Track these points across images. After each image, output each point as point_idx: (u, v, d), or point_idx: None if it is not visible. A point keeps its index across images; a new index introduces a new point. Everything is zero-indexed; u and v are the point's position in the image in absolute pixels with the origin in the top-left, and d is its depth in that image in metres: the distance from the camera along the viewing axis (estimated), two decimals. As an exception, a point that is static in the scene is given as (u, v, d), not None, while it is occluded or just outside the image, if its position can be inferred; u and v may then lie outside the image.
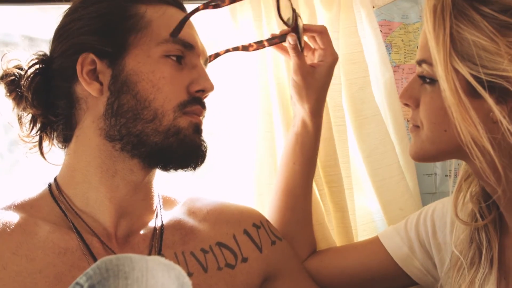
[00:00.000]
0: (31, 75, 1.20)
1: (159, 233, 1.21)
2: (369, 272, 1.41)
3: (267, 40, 1.44)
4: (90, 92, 1.15)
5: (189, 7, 1.28)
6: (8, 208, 1.15)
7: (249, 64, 1.62)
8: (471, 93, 1.05)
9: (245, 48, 1.44)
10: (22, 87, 1.19)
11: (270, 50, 1.61)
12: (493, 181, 1.06)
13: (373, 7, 1.74)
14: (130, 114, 1.14)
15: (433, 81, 1.11)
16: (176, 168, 1.19)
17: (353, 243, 1.56)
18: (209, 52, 1.31)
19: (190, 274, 1.18)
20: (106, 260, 0.82)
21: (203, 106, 1.21)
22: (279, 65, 1.61)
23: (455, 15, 1.06)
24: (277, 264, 1.34)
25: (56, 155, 1.27)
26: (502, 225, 1.20)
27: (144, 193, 1.22)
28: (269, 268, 1.32)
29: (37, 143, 1.25)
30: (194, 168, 1.20)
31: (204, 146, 1.20)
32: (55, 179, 1.22)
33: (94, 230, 1.15)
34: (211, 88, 1.21)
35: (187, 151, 1.17)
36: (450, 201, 1.26)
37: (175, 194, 1.34)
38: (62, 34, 1.19)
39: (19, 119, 1.23)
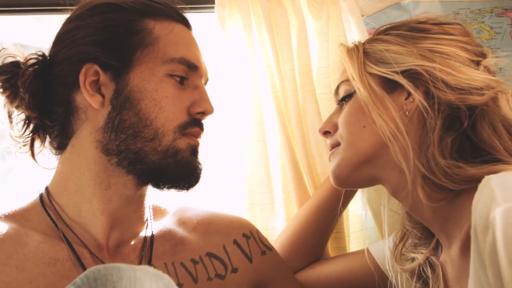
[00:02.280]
0: (30, 77, 1.16)
1: (149, 243, 1.20)
2: (356, 279, 1.42)
3: None
4: (92, 104, 1.13)
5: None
6: None
7: (241, 73, 1.63)
8: (386, 90, 1.14)
9: None
10: (20, 88, 1.15)
11: (262, 61, 1.63)
12: (405, 167, 1.10)
13: (362, 16, 1.75)
14: (131, 131, 1.12)
15: (350, 95, 1.20)
16: (170, 188, 1.18)
17: (344, 253, 1.58)
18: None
19: (180, 285, 1.17)
20: (94, 270, 0.82)
21: (201, 128, 1.21)
22: (273, 75, 1.62)
23: (368, 41, 1.22)
24: (267, 274, 1.34)
25: (45, 157, 1.25)
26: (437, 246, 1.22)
27: (136, 205, 1.21)
28: (259, 278, 1.32)
29: (28, 143, 1.22)
30: (188, 189, 1.19)
31: (199, 168, 1.19)
32: (46, 188, 1.20)
33: (84, 242, 1.14)
34: (211, 111, 1.21)
35: (183, 173, 1.16)
36: None
37: (166, 203, 1.33)
38: (65, 39, 1.17)
39: (9, 116, 1.20)
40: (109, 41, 1.14)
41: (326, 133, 1.28)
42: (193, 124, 1.17)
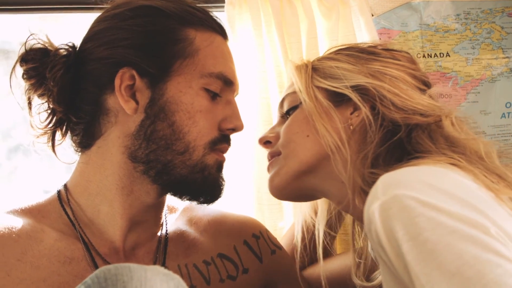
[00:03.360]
0: (61, 70, 1.11)
1: (163, 245, 1.19)
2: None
3: None
4: (125, 109, 1.09)
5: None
6: (15, 212, 1.11)
7: (250, 73, 1.62)
8: (332, 103, 1.15)
9: None
10: (49, 79, 1.10)
11: (271, 60, 1.62)
12: (344, 178, 1.11)
13: (372, 16, 1.74)
14: (163, 142, 1.10)
15: (295, 107, 1.20)
16: (191, 200, 1.16)
17: (345, 251, 1.57)
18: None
19: (193, 287, 1.16)
20: (105, 270, 0.81)
21: (229, 144, 1.19)
22: (282, 74, 1.62)
23: (317, 59, 1.24)
24: (277, 273, 1.33)
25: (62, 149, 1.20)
26: None
27: (155, 211, 1.19)
28: (269, 278, 1.31)
29: (47, 134, 1.17)
30: (209, 203, 1.18)
31: (223, 185, 1.18)
32: (65, 185, 1.17)
33: (98, 243, 1.12)
34: (241, 128, 1.19)
35: (207, 188, 1.15)
36: None
37: (174, 200, 1.31)
38: (102, 37, 1.12)
39: (29, 103, 1.15)
40: (149, 47, 1.11)
41: (266, 143, 1.26)
42: (222, 140, 1.16)
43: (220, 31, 1.19)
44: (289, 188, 1.19)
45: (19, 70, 1.14)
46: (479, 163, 0.99)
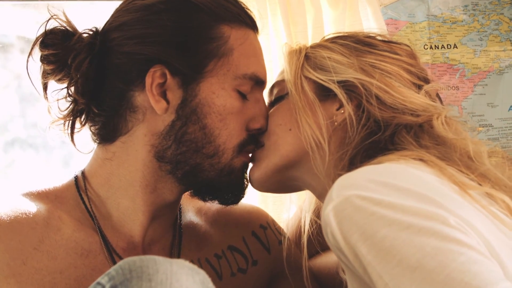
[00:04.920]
0: (87, 60, 1.06)
1: (178, 240, 1.17)
2: None
3: None
4: (156, 109, 1.05)
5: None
6: (31, 195, 1.07)
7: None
8: (318, 97, 1.11)
9: None
10: (73, 69, 1.05)
11: (276, 48, 1.60)
12: (323, 175, 1.08)
13: (380, 6, 1.74)
14: (193, 145, 1.06)
15: (282, 97, 1.17)
16: (213, 200, 1.14)
17: None
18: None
19: None
20: (129, 261, 0.78)
21: (254, 144, 1.16)
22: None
23: (312, 47, 1.17)
24: (284, 263, 1.30)
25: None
26: None
27: (173, 206, 1.17)
28: (276, 268, 1.29)
29: (63, 122, 1.12)
30: (231, 204, 1.17)
31: (246, 185, 1.16)
32: (82, 173, 1.13)
33: (113, 241, 1.09)
34: (264, 127, 1.15)
35: (232, 191, 1.14)
36: None
37: None
38: (131, 29, 1.07)
39: (45, 88, 1.09)
40: (183, 45, 1.06)
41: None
42: (250, 141, 1.13)
43: (252, 25, 1.15)
44: (270, 181, 1.17)
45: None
46: (461, 161, 0.98)
